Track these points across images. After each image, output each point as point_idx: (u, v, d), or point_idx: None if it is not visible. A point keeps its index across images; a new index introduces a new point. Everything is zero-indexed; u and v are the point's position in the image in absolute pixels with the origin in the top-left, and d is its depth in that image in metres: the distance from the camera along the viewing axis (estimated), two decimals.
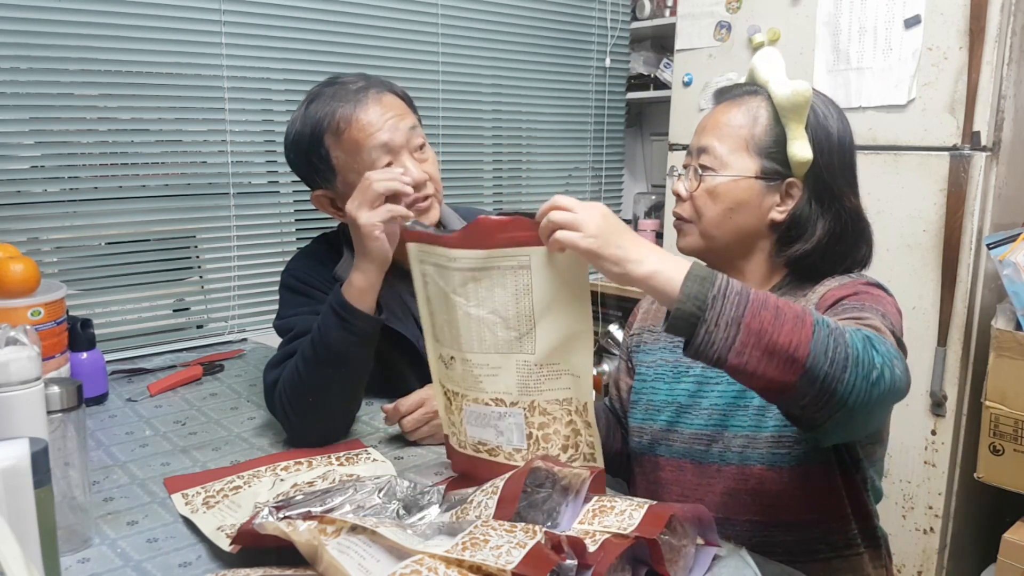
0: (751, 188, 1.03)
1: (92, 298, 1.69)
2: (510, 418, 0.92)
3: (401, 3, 2.09)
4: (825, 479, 1.01)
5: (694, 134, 1.10)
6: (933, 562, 1.84)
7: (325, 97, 1.20)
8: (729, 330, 0.76)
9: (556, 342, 0.88)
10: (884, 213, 1.86)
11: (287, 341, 1.19)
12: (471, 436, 0.96)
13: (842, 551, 1.03)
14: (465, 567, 0.62)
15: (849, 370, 0.77)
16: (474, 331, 0.91)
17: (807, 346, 0.76)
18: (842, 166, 1.05)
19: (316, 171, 1.22)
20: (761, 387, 0.80)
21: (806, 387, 0.77)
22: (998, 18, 1.67)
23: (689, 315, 0.77)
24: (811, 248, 1.03)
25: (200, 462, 1.06)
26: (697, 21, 2.21)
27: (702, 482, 1.06)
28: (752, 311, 0.76)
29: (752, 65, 1.08)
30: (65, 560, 0.79)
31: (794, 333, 0.76)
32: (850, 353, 0.77)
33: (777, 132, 1.02)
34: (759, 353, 0.76)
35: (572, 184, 2.71)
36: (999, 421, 1.66)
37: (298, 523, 0.70)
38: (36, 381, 0.75)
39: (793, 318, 0.77)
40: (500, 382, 0.92)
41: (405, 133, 1.19)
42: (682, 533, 0.77)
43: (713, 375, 1.07)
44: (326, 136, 1.18)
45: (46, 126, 1.59)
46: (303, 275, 1.26)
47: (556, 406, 0.91)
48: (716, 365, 0.78)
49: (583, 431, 0.91)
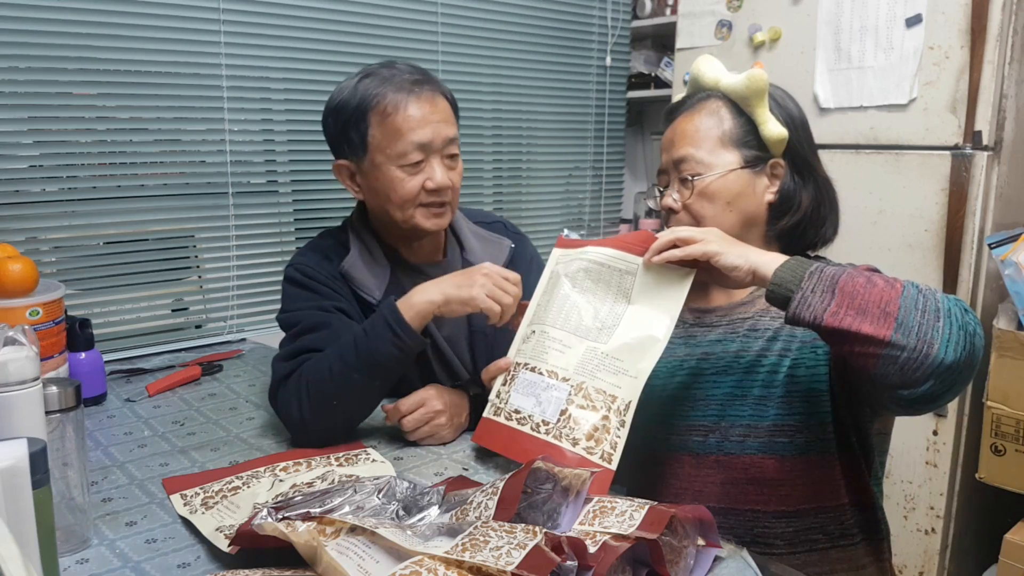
0: (740, 178, 1.08)
1: (91, 298, 1.68)
2: (555, 391, 0.99)
3: (401, 3, 2.09)
4: (826, 468, 1.02)
5: (662, 152, 1.14)
6: (934, 563, 1.84)
7: (380, 78, 1.22)
8: (825, 295, 0.84)
9: (631, 342, 0.98)
10: (886, 212, 1.86)
11: (293, 336, 1.18)
12: (512, 403, 1.02)
13: (838, 541, 1.04)
14: (465, 568, 0.62)
15: (943, 319, 0.81)
16: (565, 311, 1.03)
17: (897, 300, 0.82)
18: (808, 140, 1.12)
19: (348, 142, 1.24)
20: (859, 347, 0.83)
21: (902, 339, 0.80)
22: (999, 17, 1.67)
23: (787, 282, 0.87)
24: (800, 218, 1.10)
25: (199, 463, 1.06)
26: (698, 20, 2.21)
27: (700, 473, 1.07)
28: (845, 278, 0.85)
29: (694, 73, 1.14)
30: (64, 561, 0.78)
31: (885, 292, 0.83)
32: (941, 306, 0.82)
33: (744, 122, 1.09)
34: (853, 311, 0.82)
35: (572, 184, 2.71)
36: (1000, 421, 1.66)
37: (297, 524, 0.70)
38: (34, 381, 0.75)
39: (884, 282, 0.84)
40: (564, 358, 1.00)
41: (443, 140, 1.21)
42: (683, 534, 0.76)
43: (708, 367, 1.08)
44: (371, 114, 1.20)
45: (44, 125, 1.59)
46: (309, 270, 1.25)
47: (600, 397, 0.97)
48: (812, 326, 0.85)
49: (613, 429, 0.95)
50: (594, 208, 2.79)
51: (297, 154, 1.97)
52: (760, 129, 1.07)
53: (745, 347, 1.05)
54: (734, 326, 1.08)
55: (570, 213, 2.73)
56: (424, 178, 1.21)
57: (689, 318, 1.14)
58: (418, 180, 1.21)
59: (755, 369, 1.03)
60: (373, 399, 1.14)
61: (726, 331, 1.09)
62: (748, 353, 1.05)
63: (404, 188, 1.20)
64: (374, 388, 1.11)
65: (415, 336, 1.08)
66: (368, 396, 1.13)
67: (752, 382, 1.03)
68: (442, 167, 1.21)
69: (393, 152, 1.19)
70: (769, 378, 1.02)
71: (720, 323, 1.10)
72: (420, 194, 1.21)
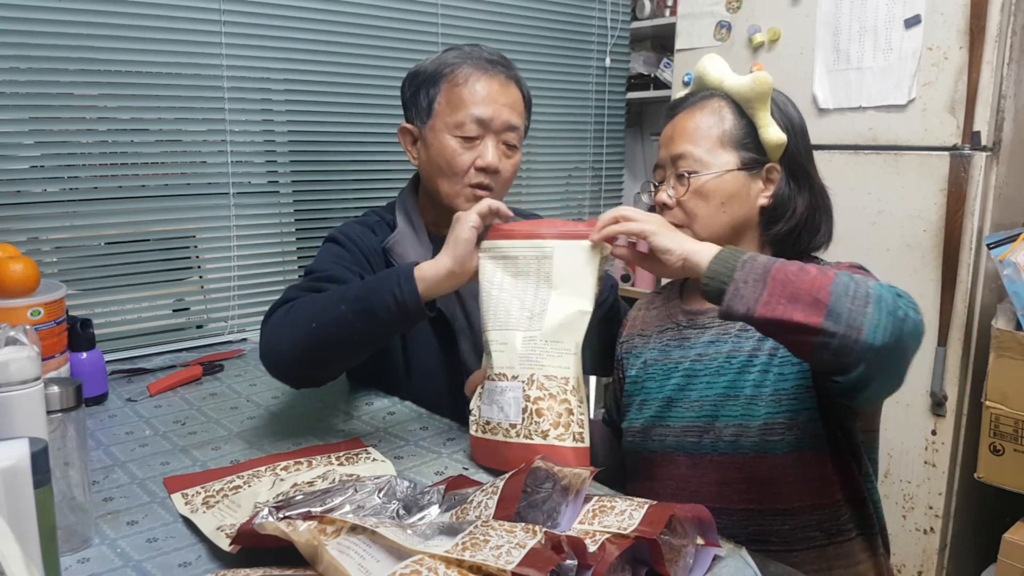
0: (736, 180, 1.08)
1: (92, 298, 1.68)
2: (510, 392, 0.99)
3: (401, 3, 2.09)
4: (818, 465, 1.03)
5: (660, 147, 1.15)
6: (933, 562, 1.84)
7: (462, 53, 1.27)
8: (757, 285, 0.84)
9: (563, 320, 0.99)
10: (884, 213, 1.86)
11: (314, 279, 1.17)
12: (483, 416, 1.03)
13: (835, 537, 1.04)
14: (465, 567, 0.62)
15: (872, 306, 0.81)
16: (493, 311, 1.03)
17: (828, 288, 0.82)
18: (806, 147, 1.13)
19: (417, 105, 1.28)
20: (791, 334, 0.84)
21: (833, 326, 0.81)
22: (998, 18, 1.67)
23: (720, 275, 0.87)
24: (794, 224, 1.10)
25: (200, 462, 1.06)
26: (697, 21, 2.22)
27: (696, 473, 1.08)
28: (777, 267, 0.85)
29: (700, 71, 1.13)
30: (65, 560, 0.79)
31: (816, 279, 0.83)
32: (871, 292, 0.82)
33: (744, 124, 1.08)
34: (785, 300, 0.82)
35: (572, 184, 2.71)
36: (999, 421, 1.66)
37: (298, 523, 0.70)
38: (36, 381, 0.75)
39: (815, 270, 0.85)
40: (505, 357, 1.01)
41: (503, 123, 1.23)
42: (682, 533, 0.77)
43: (701, 368, 1.08)
44: (443, 80, 1.24)
45: (46, 126, 1.59)
46: (353, 235, 1.28)
47: (552, 383, 0.98)
48: (746, 319, 0.85)
49: (575, 410, 0.97)
50: (593, 208, 2.80)
51: (298, 154, 1.97)
52: (760, 132, 1.07)
53: (737, 347, 1.06)
54: (726, 326, 1.09)
55: (569, 213, 2.73)
56: (476, 155, 1.23)
57: (683, 320, 1.14)
58: (470, 155, 1.23)
59: (747, 369, 1.04)
60: (351, 342, 1.06)
61: (719, 332, 1.09)
62: (740, 353, 1.05)
63: (456, 160, 1.23)
64: (355, 330, 1.04)
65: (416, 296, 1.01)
66: (345, 334, 1.04)
67: (744, 382, 1.04)
68: (496, 149, 1.23)
69: (452, 121, 1.22)
70: (760, 377, 1.03)
71: (712, 324, 1.11)
72: (470, 171, 1.23)
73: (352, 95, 2.02)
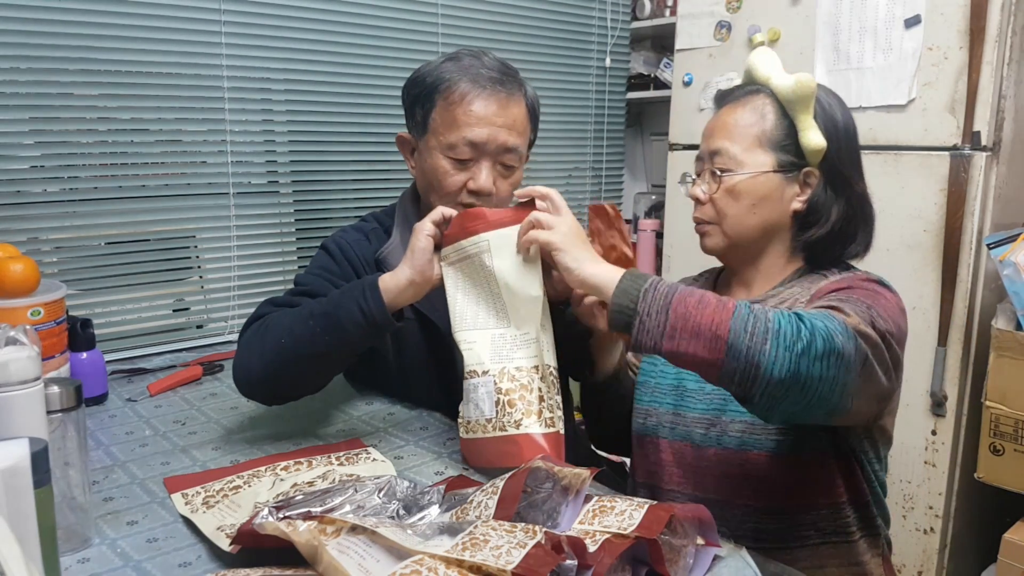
0: (770, 182, 1.06)
1: (92, 298, 1.68)
2: (483, 388, 1.00)
3: (401, 3, 2.09)
4: (822, 467, 1.03)
5: (702, 139, 1.12)
6: (933, 562, 1.84)
7: (462, 65, 1.20)
8: (659, 317, 0.84)
9: (521, 311, 1.00)
10: (884, 213, 1.84)
11: (293, 292, 1.19)
12: (465, 416, 1.03)
13: (831, 537, 1.04)
14: (465, 567, 0.62)
15: (770, 342, 0.81)
16: (459, 313, 1.04)
17: (727, 324, 0.82)
18: (850, 152, 1.08)
19: (413, 117, 1.25)
20: (696, 368, 0.86)
21: (732, 362, 0.81)
22: (998, 18, 1.67)
23: (625, 308, 0.86)
24: (826, 232, 1.07)
25: (200, 462, 1.06)
26: (697, 21, 2.21)
27: (700, 465, 1.08)
28: (678, 298, 0.85)
29: (749, 64, 1.10)
30: (65, 560, 0.79)
31: (716, 314, 0.83)
32: (771, 327, 0.82)
33: (786, 125, 1.05)
34: (687, 335, 0.83)
35: (572, 184, 2.71)
36: (999, 421, 1.66)
37: (298, 523, 0.70)
38: (36, 381, 0.75)
39: (716, 302, 0.84)
40: (474, 355, 1.01)
41: (499, 145, 1.17)
42: (682, 533, 0.77)
43: None
44: (438, 96, 1.19)
45: (46, 126, 1.59)
46: (346, 245, 1.26)
47: (523, 373, 0.99)
48: (655, 352, 0.85)
49: (547, 396, 0.98)
50: None
51: (298, 154, 1.97)
52: (800, 136, 1.04)
53: None
54: None
55: None
56: (468, 176, 1.18)
57: None
58: (462, 177, 1.19)
59: None
60: (321, 356, 1.07)
61: None
62: None
63: (447, 180, 1.19)
64: (324, 343, 1.05)
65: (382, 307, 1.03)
66: (315, 348, 1.05)
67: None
68: (490, 172, 1.18)
69: (445, 141, 1.18)
70: None
71: None
72: (462, 192, 1.19)
73: (352, 95, 2.02)
